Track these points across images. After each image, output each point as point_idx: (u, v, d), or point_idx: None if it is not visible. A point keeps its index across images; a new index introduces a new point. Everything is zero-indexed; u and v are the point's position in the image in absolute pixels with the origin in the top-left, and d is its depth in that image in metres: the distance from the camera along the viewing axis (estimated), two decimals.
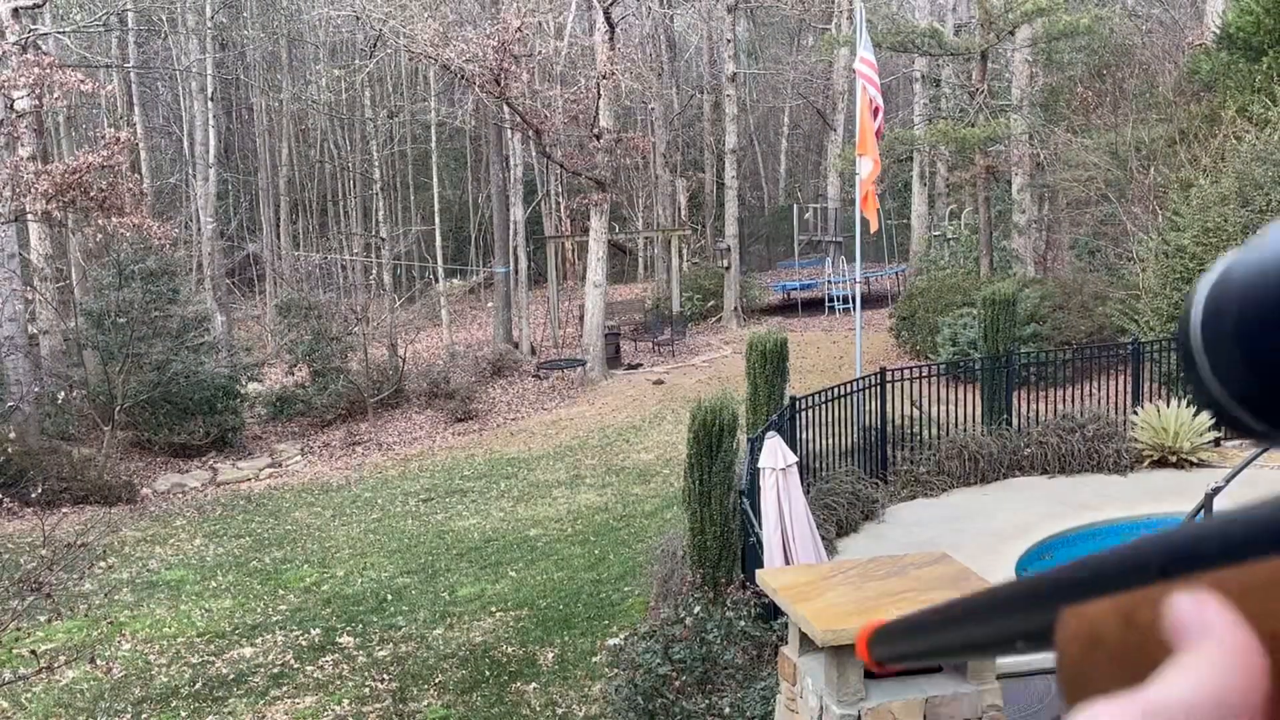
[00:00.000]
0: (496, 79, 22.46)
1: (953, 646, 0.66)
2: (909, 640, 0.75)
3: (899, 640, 0.77)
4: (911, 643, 0.75)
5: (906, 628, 0.75)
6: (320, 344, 22.77)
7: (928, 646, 0.72)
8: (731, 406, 10.65)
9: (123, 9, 29.04)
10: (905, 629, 0.75)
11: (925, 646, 0.73)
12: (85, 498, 18.09)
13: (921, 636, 0.71)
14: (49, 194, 17.45)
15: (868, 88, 14.68)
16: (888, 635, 0.78)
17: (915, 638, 0.73)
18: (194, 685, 11.45)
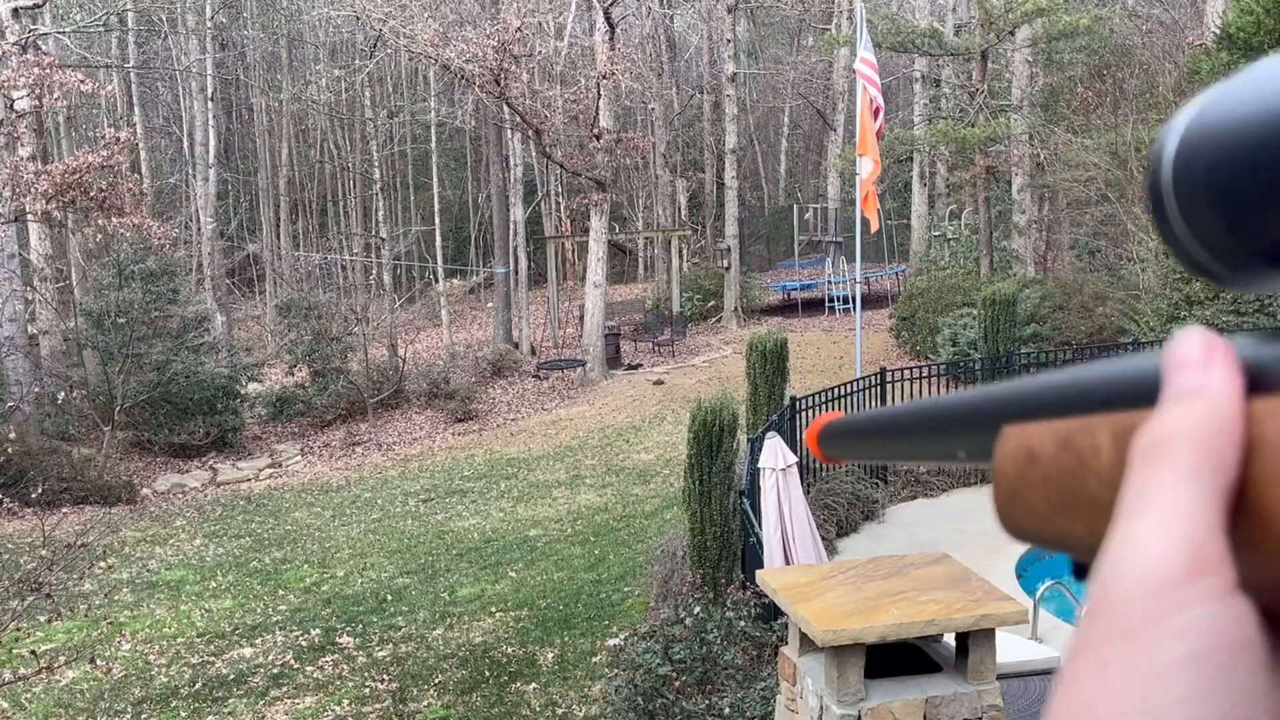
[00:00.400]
0: (496, 79, 22.45)
1: (899, 450, 0.67)
2: (858, 440, 0.77)
3: (848, 439, 0.79)
4: (860, 443, 0.77)
5: (857, 428, 0.77)
6: (320, 344, 22.76)
7: (875, 448, 0.74)
8: (731, 406, 10.65)
9: (123, 9, 29.04)
10: (856, 429, 0.77)
11: (872, 448, 0.75)
12: (85, 498, 18.08)
13: (871, 438, 0.73)
14: (49, 194, 17.44)
15: (868, 88, 14.68)
16: (838, 433, 0.80)
17: (864, 438, 0.75)
18: (194, 685, 11.45)
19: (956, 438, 0.56)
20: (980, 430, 0.51)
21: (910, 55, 26.59)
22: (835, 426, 0.81)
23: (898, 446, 0.67)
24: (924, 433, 0.60)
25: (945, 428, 0.57)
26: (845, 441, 0.79)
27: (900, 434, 0.65)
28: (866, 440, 0.75)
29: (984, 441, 0.51)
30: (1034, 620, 8.66)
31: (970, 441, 0.54)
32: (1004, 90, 25.34)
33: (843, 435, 0.79)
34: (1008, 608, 6.12)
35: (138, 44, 32.88)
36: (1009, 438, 0.48)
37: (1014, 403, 0.49)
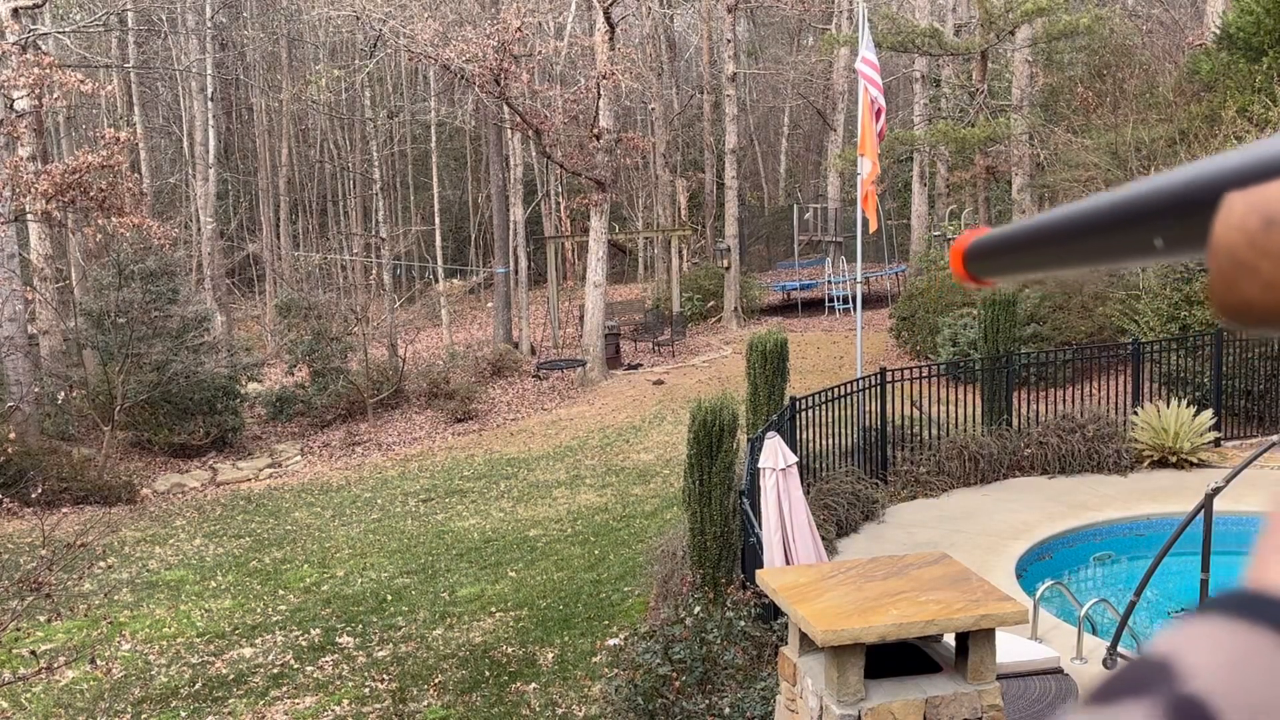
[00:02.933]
0: (496, 79, 22.45)
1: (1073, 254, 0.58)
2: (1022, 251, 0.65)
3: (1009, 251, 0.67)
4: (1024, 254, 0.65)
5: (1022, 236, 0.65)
6: (320, 344, 22.76)
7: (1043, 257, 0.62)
8: (731, 407, 10.64)
9: (123, 9, 29.04)
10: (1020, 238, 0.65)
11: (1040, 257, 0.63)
12: (85, 498, 18.09)
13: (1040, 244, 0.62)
14: (49, 194, 17.44)
15: (870, 88, 14.67)
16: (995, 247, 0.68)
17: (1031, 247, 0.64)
18: (194, 685, 11.45)
19: (1154, 225, 0.48)
20: (1190, 208, 0.45)
21: (910, 55, 26.59)
22: (990, 241, 0.69)
23: (1072, 249, 0.57)
24: (1112, 225, 0.52)
25: (1141, 213, 0.49)
26: (1007, 255, 0.68)
27: (1078, 233, 0.56)
28: (1033, 249, 0.64)
29: (1193, 222, 0.44)
30: (1034, 620, 8.66)
31: (1174, 224, 0.47)
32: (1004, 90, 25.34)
33: (1002, 247, 0.68)
34: (1008, 608, 6.12)
35: (138, 44, 32.88)
36: (1236, 204, 0.42)
37: (1239, 168, 0.43)
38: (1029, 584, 10.10)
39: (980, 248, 0.70)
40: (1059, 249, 0.59)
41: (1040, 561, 11.08)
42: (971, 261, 0.71)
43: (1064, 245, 0.58)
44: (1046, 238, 0.61)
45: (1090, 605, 8.63)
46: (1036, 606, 8.82)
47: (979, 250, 0.70)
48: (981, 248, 0.70)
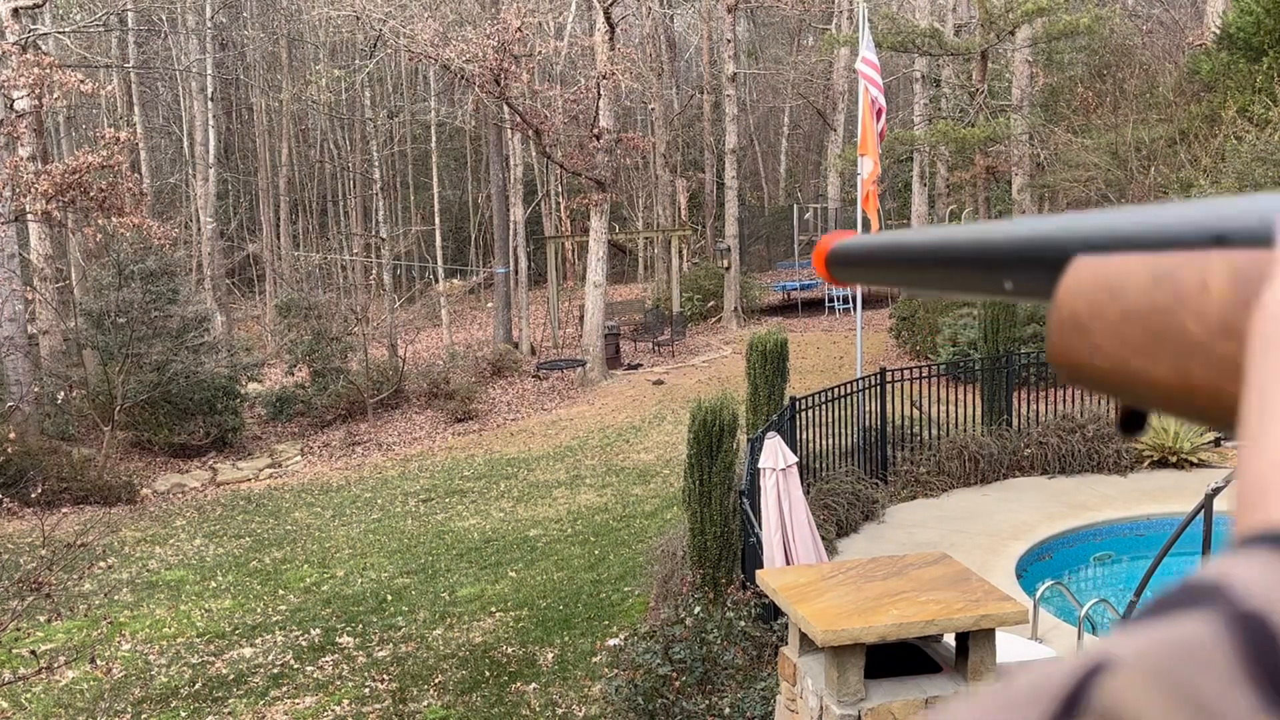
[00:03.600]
0: (496, 79, 22.45)
1: (927, 279, 0.59)
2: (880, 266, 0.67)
3: (866, 262, 0.69)
4: (881, 269, 0.67)
5: (880, 251, 0.68)
6: (320, 344, 22.76)
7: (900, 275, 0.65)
8: (731, 407, 10.64)
9: (123, 9, 29.04)
10: (878, 252, 0.68)
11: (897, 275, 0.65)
12: (85, 498, 18.09)
13: (897, 263, 0.64)
14: (49, 194, 17.44)
15: (870, 88, 14.67)
16: (854, 255, 0.70)
17: (888, 263, 0.66)
18: (194, 685, 11.45)
19: (1007, 268, 0.50)
20: (1041, 262, 0.46)
21: (910, 55, 26.59)
22: (850, 248, 0.71)
23: (927, 275, 0.59)
24: (967, 260, 0.54)
25: (996, 256, 0.51)
26: (863, 266, 0.70)
27: (935, 261, 0.58)
28: (891, 267, 0.66)
29: (1042, 275, 0.46)
30: (1034, 620, 8.66)
31: (1024, 273, 0.48)
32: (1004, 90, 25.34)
33: (860, 259, 0.70)
34: (1008, 608, 6.12)
35: (138, 44, 32.88)
36: (1083, 269, 0.43)
37: (1092, 234, 0.44)
38: (1029, 584, 10.10)
39: (841, 253, 0.71)
40: (914, 271, 0.61)
41: (1040, 561, 11.08)
42: (832, 264, 0.72)
43: (919, 268, 0.60)
44: (904, 257, 0.62)
45: (1090, 605, 8.63)
46: (1036, 606, 8.82)
47: (840, 255, 0.71)
48: (843, 253, 0.71)
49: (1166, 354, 0.38)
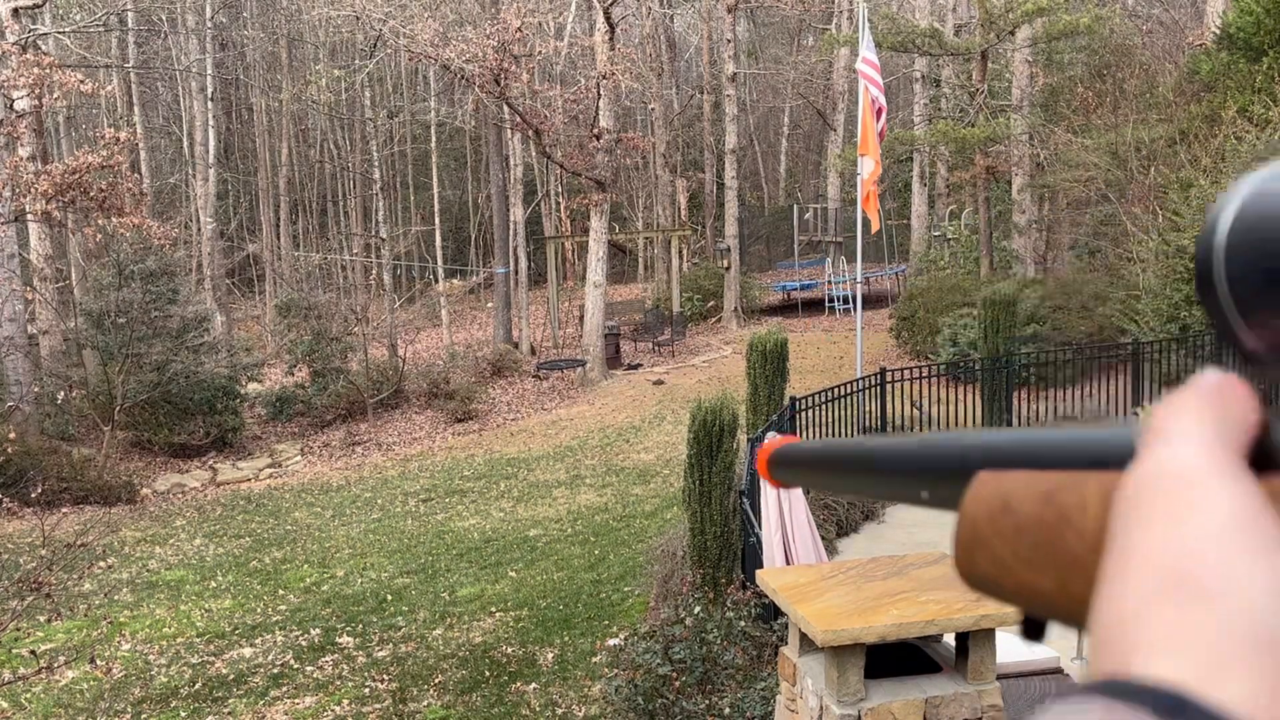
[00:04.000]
0: (496, 79, 22.45)
1: (855, 485, 0.65)
2: (812, 471, 0.73)
3: (802, 468, 0.75)
4: (814, 474, 0.73)
5: (813, 458, 0.73)
6: (320, 344, 22.76)
7: (830, 481, 0.70)
8: (731, 406, 10.64)
9: (123, 9, 29.04)
10: (811, 459, 0.74)
11: (827, 481, 0.71)
12: (85, 498, 18.09)
13: (827, 471, 0.70)
14: (49, 194, 17.44)
15: (870, 88, 14.68)
16: (791, 460, 0.76)
17: (820, 470, 0.72)
18: (194, 685, 11.45)
19: (921, 479, 0.54)
20: (949, 475, 0.50)
21: (910, 55, 26.59)
22: (788, 453, 0.77)
23: (855, 481, 0.65)
24: (887, 471, 0.59)
25: (911, 468, 0.55)
26: (798, 470, 0.76)
27: (860, 470, 0.63)
28: (822, 473, 0.72)
29: (951, 487, 0.49)
30: None
31: (937, 485, 0.52)
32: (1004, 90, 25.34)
33: (796, 463, 0.76)
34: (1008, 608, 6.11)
35: (138, 44, 32.88)
36: (984, 484, 0.47)
37: (992, 451, 0.48)
38: None
39: (780, 458, 0.78)
40: (842, 478, 0.67)
41: None
42: (773, 467, 0.78)
43: (846, 475, 0.66)
44: (834, 467, 0.68)
45: None
46: None
47: (779, 459, 0.78)
48: (781, 458, 0.78)
49: (1052, 567, 0.41)
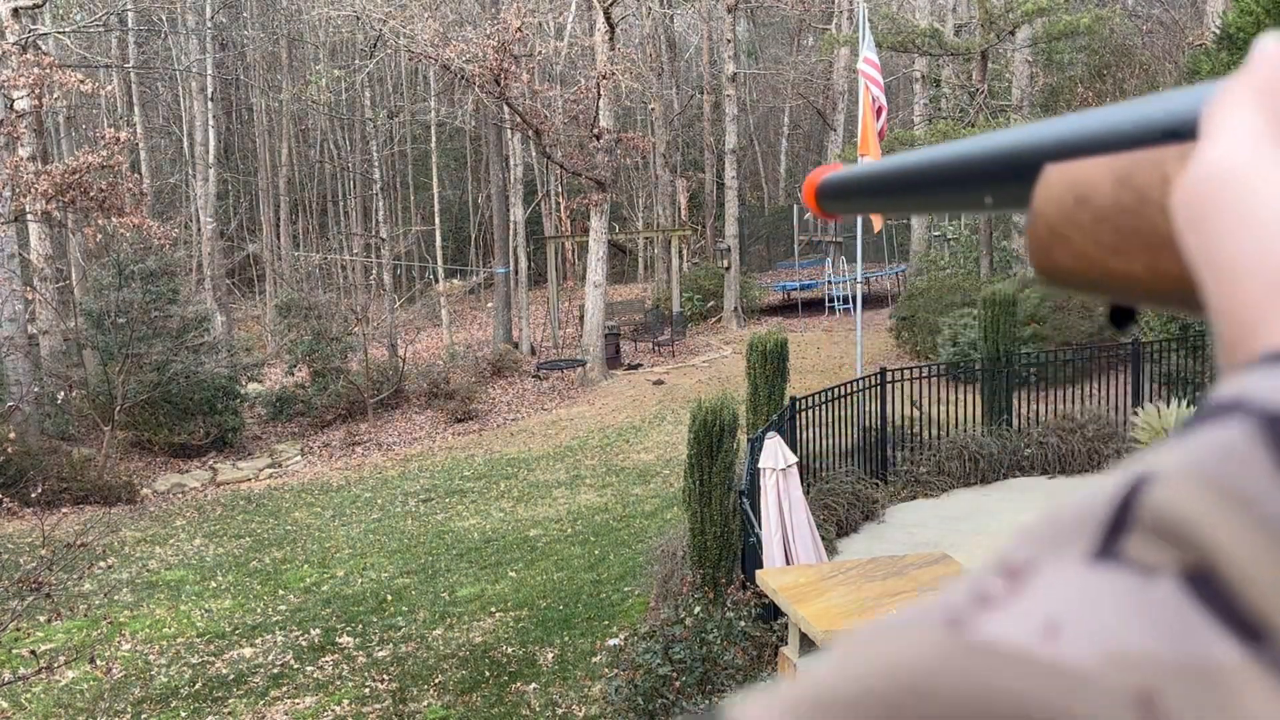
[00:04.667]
0: (496, 79, 22.45)
1: (913, 201, 0.63)
2: (867, 194, 0.72)
3: (854, 192, 0.73)
4: (869, 197, 0.72)
5: (866, 180, 0.72)
6: (320, 344, 22.76)
7: (886, 200, 0.69)
8: (731, 407, 10.65)
9: (123, 9, 29.04)
10: (864, 181, 0.72)
11: (883, 201, 0.70)
12: (85, 498, 18.08)
13: (882, 189, 0.68)
14: (49, 194, 17.44)
15: (871, 88, 14.67)
16: (842, 187, 0.74)
17: (874, 191, 0.70)
18: (194, 685, 11.45)
19: (985, 183, 0.53)
20: (1014, 173, 0.49)
21: (910, 55, 26.59)
22: (837, 180, 0.75)
23: (912, 197, 0.63)
24: (946, 179, 0.57)
25: (972, 172, 0.54)
26: (850, 197, 0.74)
27: (917, 182, 0.61)
28: (877, 193, 0.70)
29: (1017, 186, 0.48)
30: None
31: (1001, 186, 0.51)
32: (1004, 90, 25.35)
33: (848, 188, 0.74)
34: None
35: (138, 44, 32.88)
36: (1053, 177, 0.45)
37: (1057, 142, 0.46)
38: None
39: (831, 184, 0.75)
40: (900, 194, 0.65)
41: None
42: (822, 197, 0.76)
43: (905, 191, 0.64)
44: (890, 182, 0.66)
45: None
46: None
47: (830, 187, 0.75)
48: (832, 184, 0.75)
49: (1139, 250, 0.40)
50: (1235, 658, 0.24)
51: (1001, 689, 0.24)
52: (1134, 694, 0.24)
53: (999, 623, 0.26)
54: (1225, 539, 0.25)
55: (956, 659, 0.25)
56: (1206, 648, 0.24)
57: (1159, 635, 0.25)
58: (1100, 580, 0.26)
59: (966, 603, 0.27)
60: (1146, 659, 0.24)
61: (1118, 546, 0.26)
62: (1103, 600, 0.25)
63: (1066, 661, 0.24)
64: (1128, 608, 0.25)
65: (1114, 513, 0.27)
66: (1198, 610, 0.25)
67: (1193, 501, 0.26)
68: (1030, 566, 0.27)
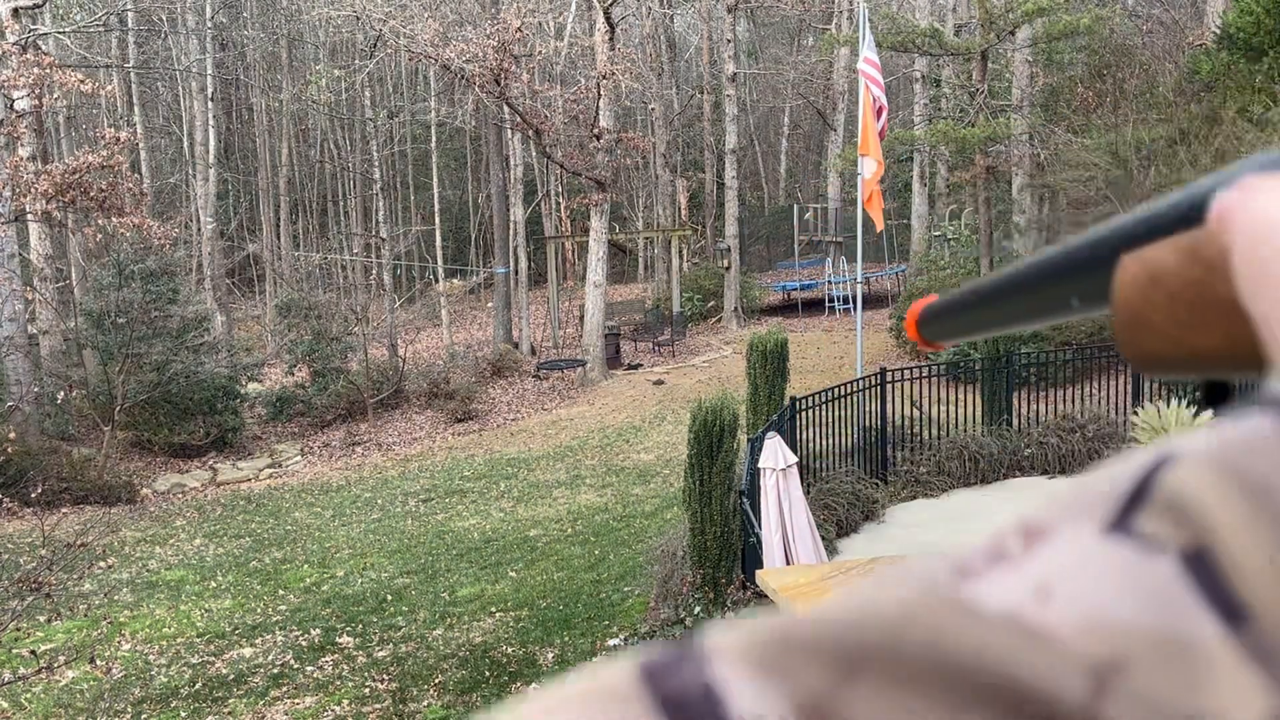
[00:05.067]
0: (496, 79, 22.45)
1: (1007, 315, 0.65)
2: (963, 314, 0.73)
3: (952, 315, 0.75)
4: (965, 317, 0.73)
5: (960, 301, 0.74)
6: (320, 344, 22.76)
7: (982, 319, 0.71)
8: (731, 407, 10.65)
9: (123, 9, 29.04)
10: (959, 302, 0.74)
11: (979, 320, 0.71)
12: (85, 498, 18.08)
13: (976, 308, 0.70)
14: (49, 194, 17.44)
15: (871, 88, 14.67)
16: (941, 312, 0.76)
17: (969, 311, 0.72)
18: (194, 685, 11.45)
19: (1069, 284, 0.54)
20: (1095, 270, 0.50)
21: (910, 55, 26.58)
22: (936, 307, 0.78)
23: (1006, 311, 0.65)
24: (1033, 289, 0.59)
25: (1057, 277, 0.55)
26: (950, 319, 0.76)
27: (1008, 296, 0.63)
28: (972, 312, 0.72)
29: (1099, 281, 0.50)
30: None
31: (1085, 284, 0.52)
32: (1004, 90, 25.34)
33: (946, 312, 0.76)
34: None
35: (138, 44, 32.88)
36: (1128, 265, 0.47)
37: (1128, 230, 0.48)
38: None
39: (930, 313, 0.79)
40: (993, 310, 0.68)
41: None
42: (924, 327, 0.80)
43: (997, 306, 0.67)
44: (982, 300, 0.69)
45: None
46: None
47: (929, 316, 0.79)
48: (931, 313, 0.79)
49: (1214, 322, 0.41)
50: (1213, 637, 0.25)
51: (966, 645, 0.25)
52: (1093, 663, 0.24)
53: (996, 582, 0.27)
54: (1227, 522, 0.25)
55: (934, 613, 0.26)
56: (1188, 625, 0.25)
57: (1146, 608, 0.25)
58: (1107, 551, 0.27)
59: (981, 557, 0.28)
60: (1125, 630, 0.25)
61: (1131, 521, 0.27)
62: (1103, 570, 0.26)
63: (1042, 625, 0.25)
64: (1125, 580, 0.26)
65: (1134, 488, 0.28)
66: (1189, 588, 0.25)
67: (1205, 484, 0.27)
68: (1049, 530, 0.28)
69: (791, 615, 0.27)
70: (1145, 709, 0.24)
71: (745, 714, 0.25)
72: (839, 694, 0.25)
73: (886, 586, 0.27)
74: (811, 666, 0.26)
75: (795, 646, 0.26)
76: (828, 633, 0.26)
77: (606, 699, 0.26)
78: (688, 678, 0.26)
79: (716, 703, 0.26)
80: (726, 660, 0.27)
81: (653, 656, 0.27)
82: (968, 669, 0.25)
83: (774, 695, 0.26)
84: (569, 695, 0.26)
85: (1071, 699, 0.24)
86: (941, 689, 0.25)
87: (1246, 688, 0.24)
